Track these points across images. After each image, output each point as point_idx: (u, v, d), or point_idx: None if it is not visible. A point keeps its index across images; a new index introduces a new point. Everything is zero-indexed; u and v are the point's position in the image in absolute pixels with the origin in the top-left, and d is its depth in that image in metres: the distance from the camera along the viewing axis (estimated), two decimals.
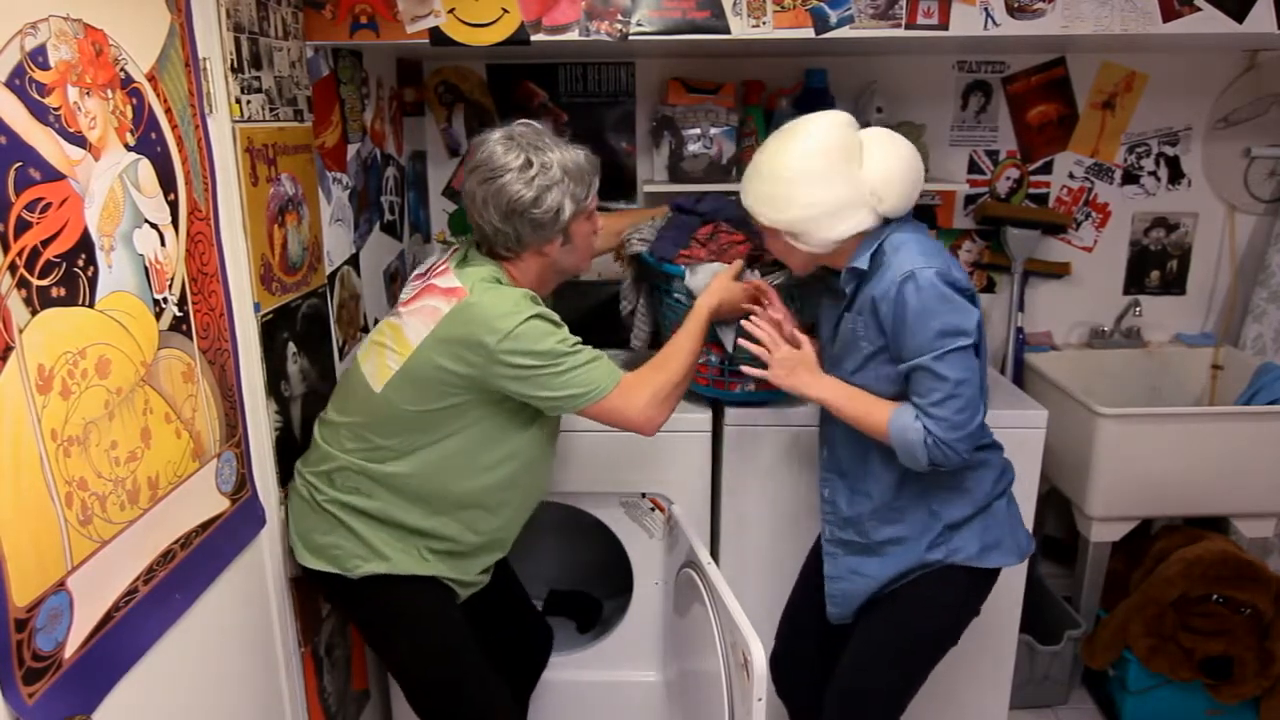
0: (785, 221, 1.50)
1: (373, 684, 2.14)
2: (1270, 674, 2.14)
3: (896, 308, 1.44)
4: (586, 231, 1.63)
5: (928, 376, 1.44)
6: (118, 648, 1.16)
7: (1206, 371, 2.57)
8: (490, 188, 1.51)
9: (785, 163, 1.49)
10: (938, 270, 1.43)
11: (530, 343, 1.48)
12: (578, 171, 1.55)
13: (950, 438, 1.44)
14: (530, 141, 1.54)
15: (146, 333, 1.21)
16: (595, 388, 1.52)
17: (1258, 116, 2.48)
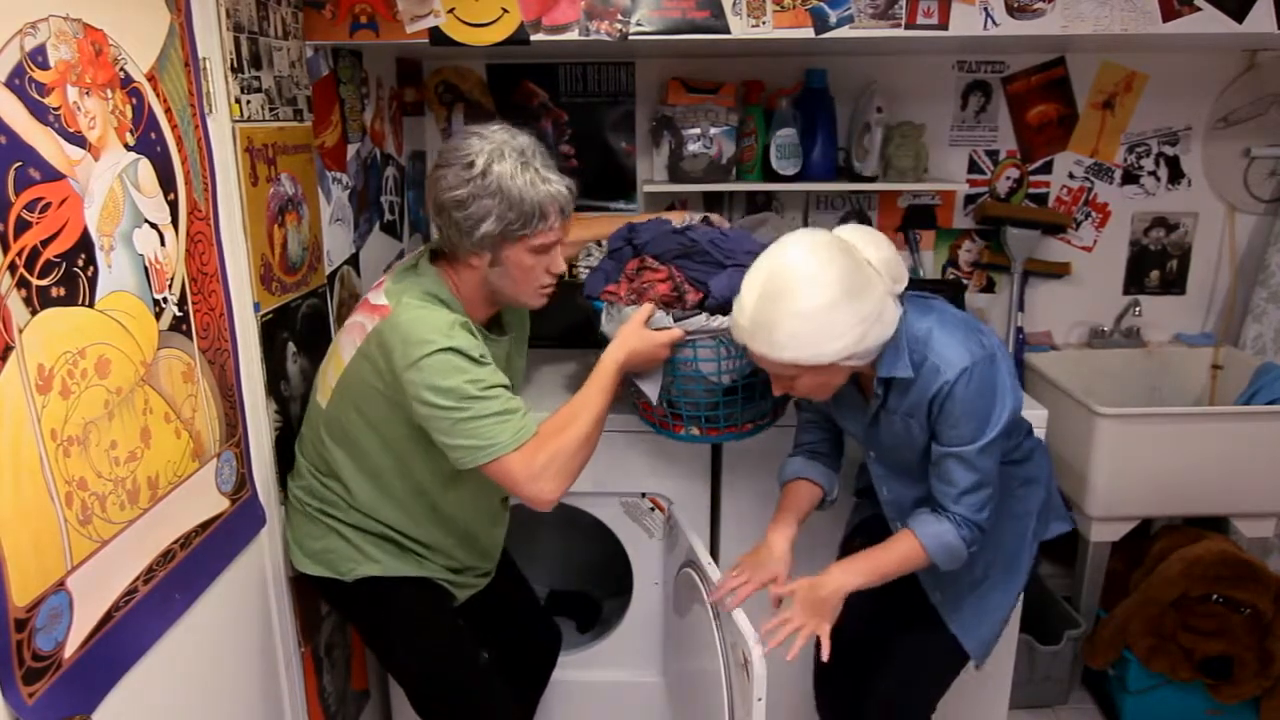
0: (837, 351, 1.36)
1: (373, 684, 2.14)
2: (1270, 674, 2.14)
3: (948, 403, 1.42)
4: (525, 264, 1.48)
5: (961, 465, 1.44)
6: (118, 647, 1.16)
7: (1206, 371, 2.57)
8: (435, 173, 1.47)
9: (810, 297, 1.35)
10: (985, 359, 1.41)
11: (434, 377, 1.38)
12: (520, 201, 1.42)
13: (978, 519, 1.47)
14: (501, 148, 1.44)
15: (146, 332, 1.21)
16: (493, 444, 1.38)
17: (1257, 116, 2.48)
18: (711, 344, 1.63)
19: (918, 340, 1.44)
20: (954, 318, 1.48)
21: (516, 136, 1.47)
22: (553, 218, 1.46)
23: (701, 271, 1.65)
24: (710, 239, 1.68)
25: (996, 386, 1.42)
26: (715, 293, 1.61)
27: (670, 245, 1.70)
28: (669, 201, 2.58)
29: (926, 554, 1.48)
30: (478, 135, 1.45)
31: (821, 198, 2.59)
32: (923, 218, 2.59)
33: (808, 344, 1.37)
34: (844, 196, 2.58)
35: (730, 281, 1.57)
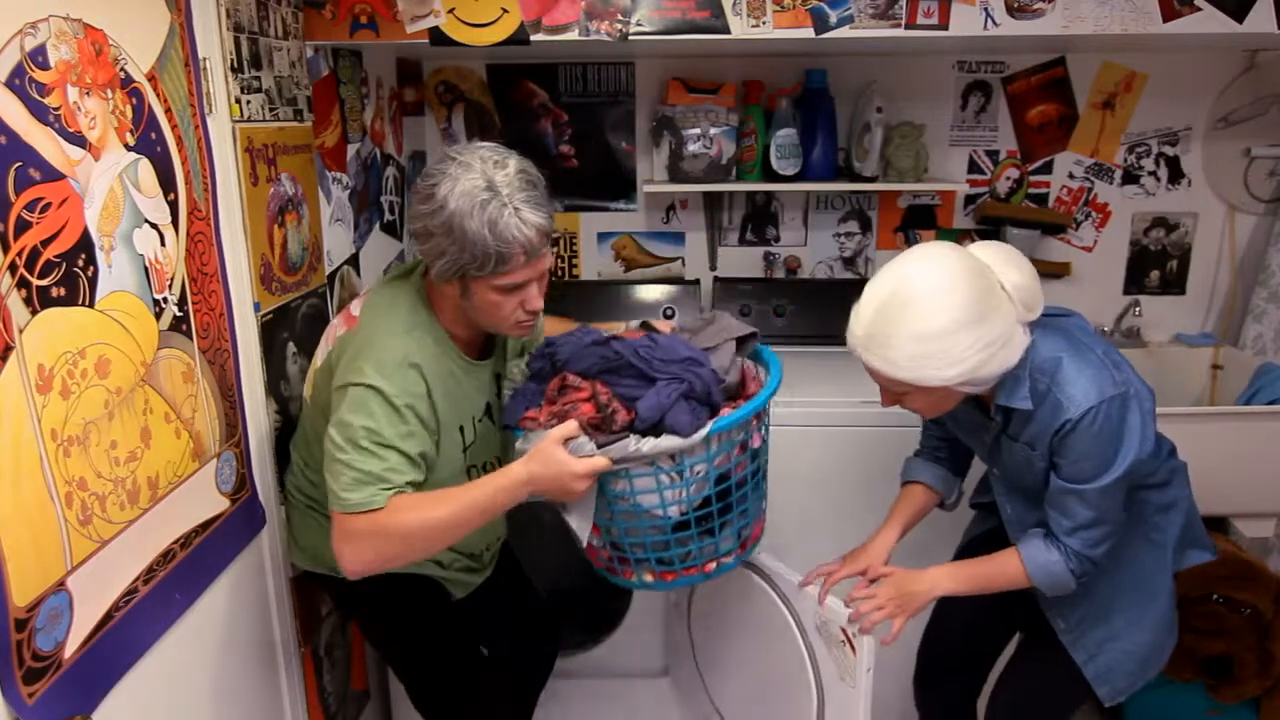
0: (952, 376, 1.32)
1: (372, 684, 2.14)
2: (1270, 674, 2.14)
3: (1070, 439, 1.35)
4: (491, 300, 1.37)
5: (1079, 502, 1.38)
6: (118, 647, 1.16)
7: (1206, 371, 2.57)
8: (411, 194, 1.39)
9: (936, 319, 1.30)
10: (1115, 398, 1.34)
11: (344, 408, 1.32)
12: (474, 244, 1.29)
13: (1091, 554, 1.41)
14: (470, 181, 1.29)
15: (146, 333, 1.21)
16: (337, 497, 1.30)
17: (1257, 116, 2.48)
18: (648, 472, 1.39)
19: (1043, 371, 1.37)
20: (1087, 347, 1.39)
21: (495, 164, 1.33)
22: (514, 260, 1.32)
23: (630, 387, 1.43)
24: (636, 349, 1.46)
25: (1125, 428, 1.34)
26: (642, 413, 1.37)
27: (592, 360, 1.47)
28: (669, 201, 2.58)
29: (1024, 573, 1.44)
30: (453, 160, 1.34)
31: (821, 198, 2.59)
32: (923, 218, 2.59)
33: (922, 366, 1.32)
34: (844, 196, 2.58)
35: (659, 399, 1.38)
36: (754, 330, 1.60)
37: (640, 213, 2.60)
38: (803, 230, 2.62)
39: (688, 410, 1.39)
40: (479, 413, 1.54)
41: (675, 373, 1.43)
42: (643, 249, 2.63)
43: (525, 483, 1.34)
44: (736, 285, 2.56)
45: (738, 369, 1.54)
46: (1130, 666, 1.54)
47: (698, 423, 1.37)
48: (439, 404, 1.41)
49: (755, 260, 2.64)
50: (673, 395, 1.39)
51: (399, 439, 1.32)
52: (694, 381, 1.42)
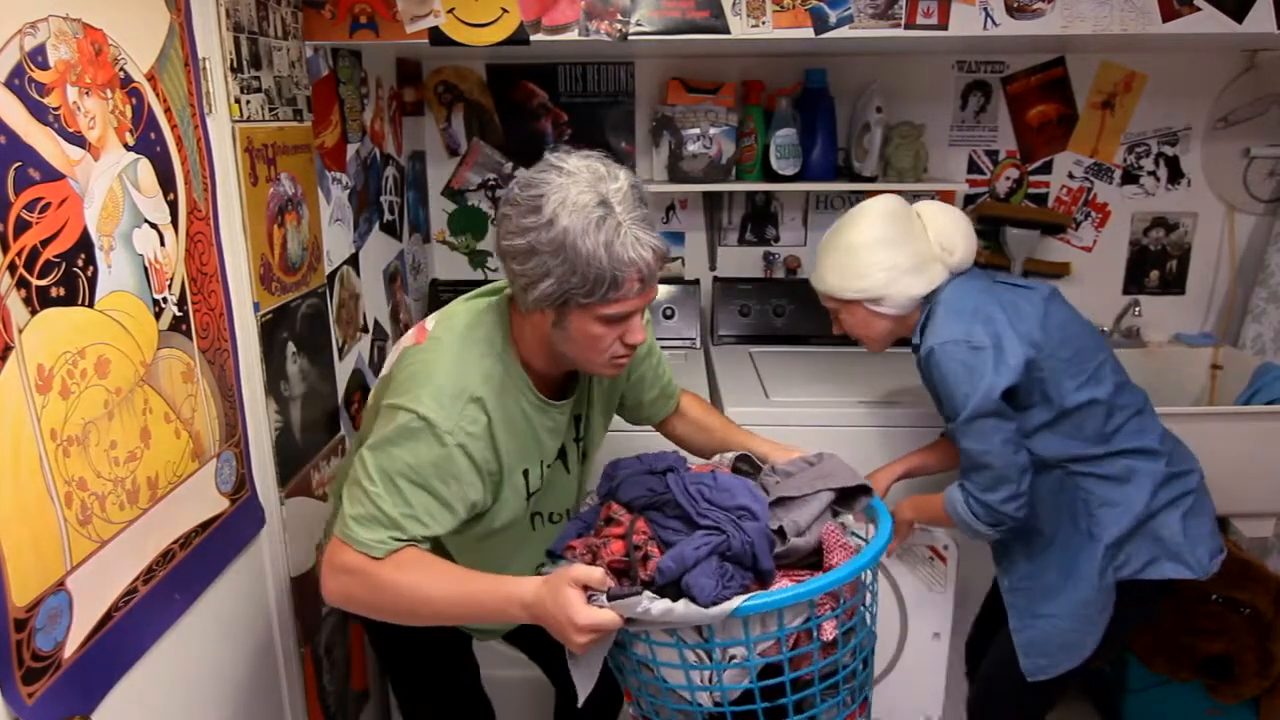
0: (867, 288, 1.57)
1: (372, 684, 2.14)
2: (1270, 674, 2.14)
3: (927, 378, 1.54)
4: (592, 333, 1.22)
5: (961, 438, 1.51)
6: (117, 648, 1.16)
7: (1206, 371, 2.57)
8: (501, 209, 1.23)
9: (855, 234, 1.59)
10: (959, 340, 1.49)
11: (391, 431, 1.20)
12: (589, 265, 1.14)
13: (988, 500, 1.50)
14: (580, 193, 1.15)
15: (146, 333, 1.21)
16: (348, 525, 1.20)
17: (1257, 116, 2.48)
18: (670, 643, 1.15)
19: (931, 314, 1.57)
20: (976, 300, 1.55)
21: (605, 178, 1.18)
22: (628, 286, 1.17)
23: (673, 531, 1.23)
24: (688, 485, 1.27)
25: (966, 371, 1.48)
26: (661, 564, 1.16)
27: (640, 490, 1.28)
28: (669, 201, 2.58)
29: (946, 513, 1.58)
30: (556, 169, 1.18)
31: (821, 198, 2.59)
32: None
33: (842, 275, 1.58)
34: (844, 196, 2.58)
35: (684, 550, 1.15)
36: (865, 484, 1.32)
37: None
38: (803, 230, 2.62)
39: (714, 573, 1.13)
40: (549, 458, 1.38)
41: (718, 521, 1.20)
42: None
43: (525, 606, 1.15)
44: (736, 285, 2.56)
45: (818, 531, 1.25)
46: (1050, 647, 1.61)
47: (722, 593, 1.11)
48: (501, 443, 1.27)
49: (755, 260, 2.64)
50: (703, 550, 1.15)
51: (439, 481, 1.20)
52: (733, 537, 1.17)
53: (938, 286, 1.58)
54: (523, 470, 1.34)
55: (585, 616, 1.10)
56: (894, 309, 1.58)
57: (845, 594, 1.18)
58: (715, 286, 2.57)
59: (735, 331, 2.53)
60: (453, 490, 1.22)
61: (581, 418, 1.45)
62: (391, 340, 2.28)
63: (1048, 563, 1.60)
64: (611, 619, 1.10)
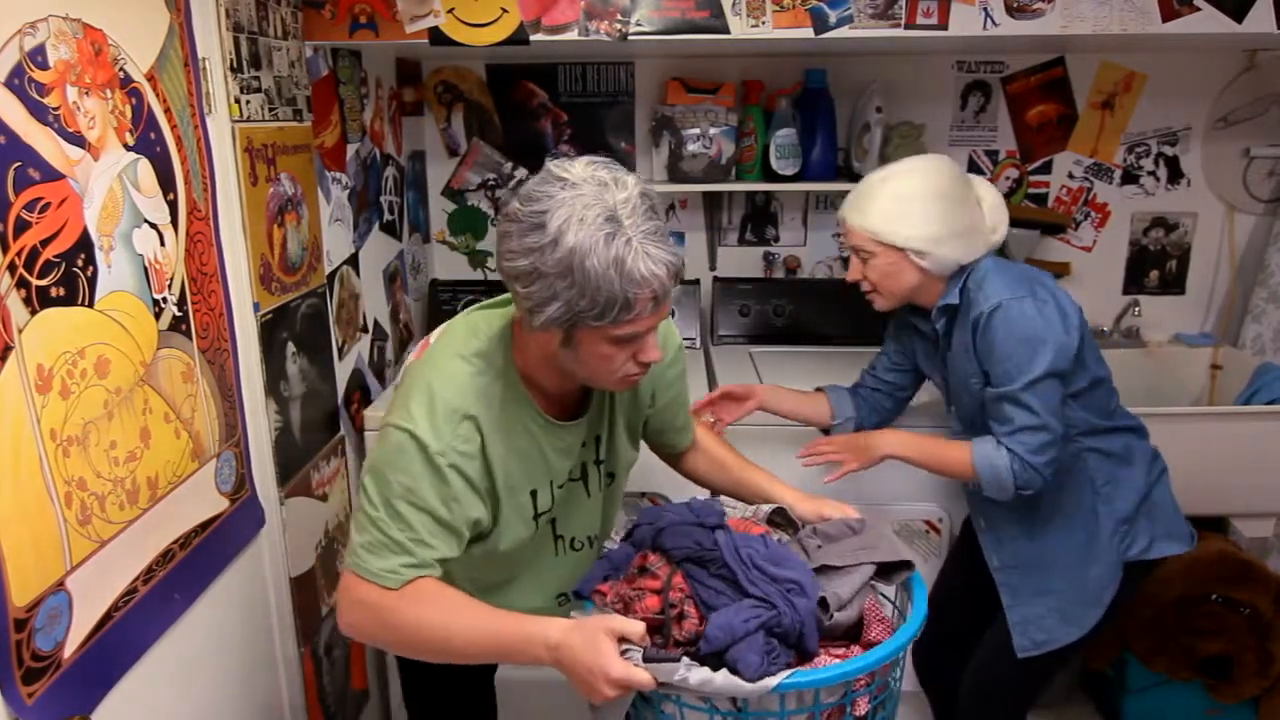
0: (918, 237, 1.52)
1: (372, 684, 2.14)
2: (1270, 674, 2.14)
3: (986, 336, 1.49)
4: (602, 353, 1.14)
5: (1009, 404, 1.49)
6: (117, 648, 1.16)
7: (1206, 371, 2.57)
8: (501, 226, 1.14)
9: (916, 182, 1.54)
10: (1023, 296, 1.48)
11: (383, 452, 1.16)
12: (597, 287, 1.05)
13: (1033, 461, 1.48)
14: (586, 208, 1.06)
15: (146, 332, 1.21)
16: (358, 555, 1.16)
17: (1257, 116, 2.48)
18: (703, 708, 1.10)
19: (975, 278, 1.55)
20: (1022, 268, 1.57)
21: (611, 187, 1.08)
22: (640, 306, 1.09)
23: (715, 592, 1.16)
24: (739, 548, 1.20)
25: (1035, 325, 1.46)
26: (708, 633, 1.10)
27: (686, 542, 1.21)
28: (669, 201, 2.58)
29: (973, 468, 1.52)
30: (559, 181, 1.09)
31: (821, 197, 2.59)
32: None
33: (893, 219, 1.52)
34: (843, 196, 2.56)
35: (733, 621, 1.11)
36: (908, 560, 1.27)
37: None
38: (802, 230, 2.62)
39: (760, 649, 1.09)
40: (560, 478, 1.31)
41: (768, 594, 1.15)
42: None
43: (551, 649, 1.08)
44: (736, 285, 2.56)
45: (860, 605, 1.22)
46: (1049, 622, 1.62)
47: (767, 669, 1.08)
48: (498, 463, 1.21)
49: (755, 260, 2.64)
50: (751, 624, 1.11)
51: (438, 503, 1.16)
52: (784, 615, 1.13)
53: (977, 259, 1.56)
54: (530, 490, 1.27)
55: (620, 670, 1.04)
56: (933, 266, 1.54)
57: (880, 672, 1.15)
58: (715, 286, 2.57)
59: (735, 331, 2.53)
60: (453, 512, 1.17)
61: (601, 438, 1.36)
62: (391, 340, 2.28)
63: (1050, 539, 1.61)
64: (645, 679, 1.04)
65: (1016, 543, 1.64)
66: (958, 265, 1.55)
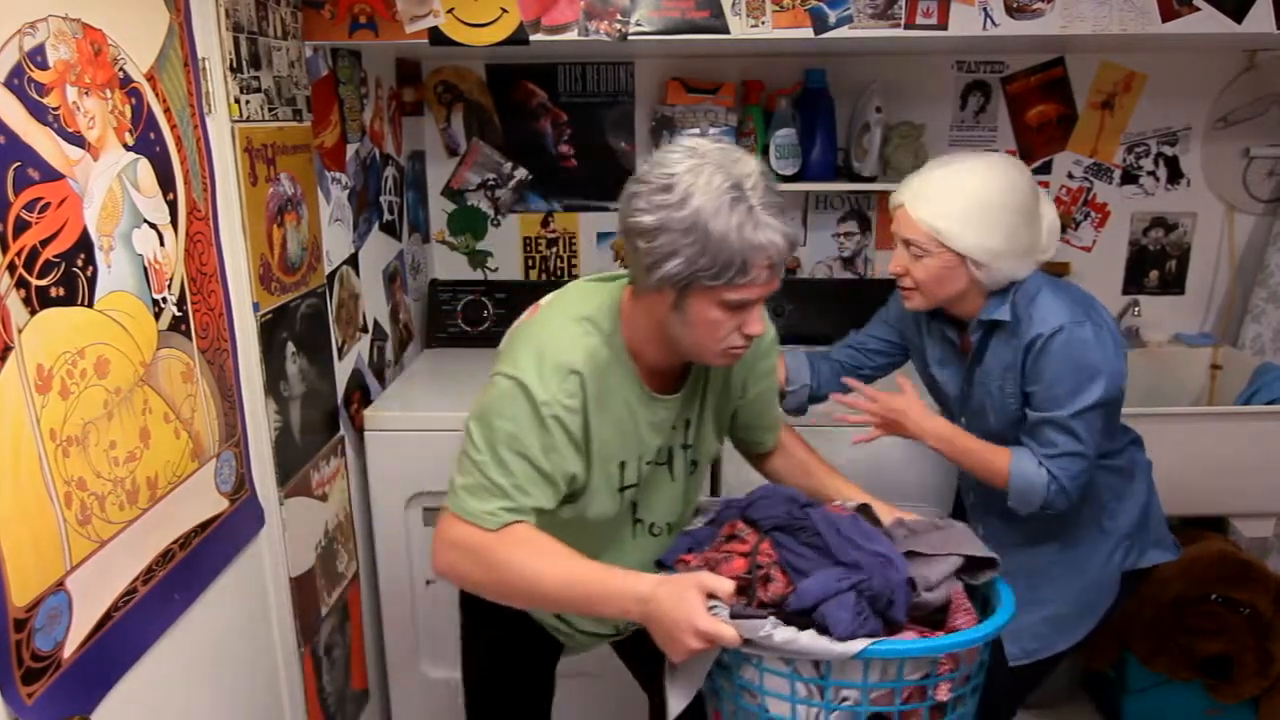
0: (984, 248, 1.42)
1: (372, 684, 2.14)
2: (1269, 674, 2.14)
3: (1042, 359, 1.44)
4: (711, 318, 1.18)
5: (1056, 430, 1.45)
6: (117, 648, 1.16)
7: (1205, 371, 2.57)
8: (628, 188, 1.20)
9: (997, 191, 1.43)
10: (1082, 321, 1.43)
11: (491, 399, 1.21)
12: (720, 246, 1.12)
13: (1068, 486, 1.46)
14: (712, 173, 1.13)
15: (145, 333, 1.21)
16: (459, 496, 1.20)
17: (1257, 116, 2.48)
18: (783, 671, 1.12)
19: (1026, 294, 1.47)
20: (1072, 289, 1.51)
21: (738, 160, 1.16)
22: (756, 271, 1.15)
23: (802, 558, 1.20)
24: (830, 519, 1.25)
25: (1094, 353, 1.42)
26: (800, 589, 1.14)
27: (777, 511, 1.26)
28: None
29: (1007, 475, 1.47)
30: (688, 151, 1.17)
31: (821, 198, 2.59)
32: None
33: (963, 222, 1.41)
34: (843, 196, 2.58)
35: (823, 581, 1.14)
36: (993, 557, 1.28)
37: None
38: (802, 230, 2.62)
39: (851, 608, 1.11)
40: (650, 454, 1.33)
41: (859, 560, 1.17)
42: None
43: (641, 601, 1.12)
44: None
45: (947, 591, 1.24)
46: (1043, 629, 1.60)
47: (856, 629, 1.09)
48: (596, 426, 1.24)
49: None
50: (844, 584, 1.13)
51: (539, 452, 1.19)
52: (874, 580, 1.14)
53: (1026, 278, 1.49)
54: (619, 461, 1.30)
55: (706, 623, 1.07)
56: (986, 279, 1.46)
57: (965, 660, 1.16)
58: None
59: None
60: (552, 463, 1.21)
61: (691, 422, 1.39)
62: (391, 340, 2.28)
63: (1048, 551, 1.60)
64: (730, 634, 1.07)
65: (1013, 551, 1.61)
66: (1009, 281, 1.47)
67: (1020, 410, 1.50)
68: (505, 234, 2.62)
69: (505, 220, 2.61)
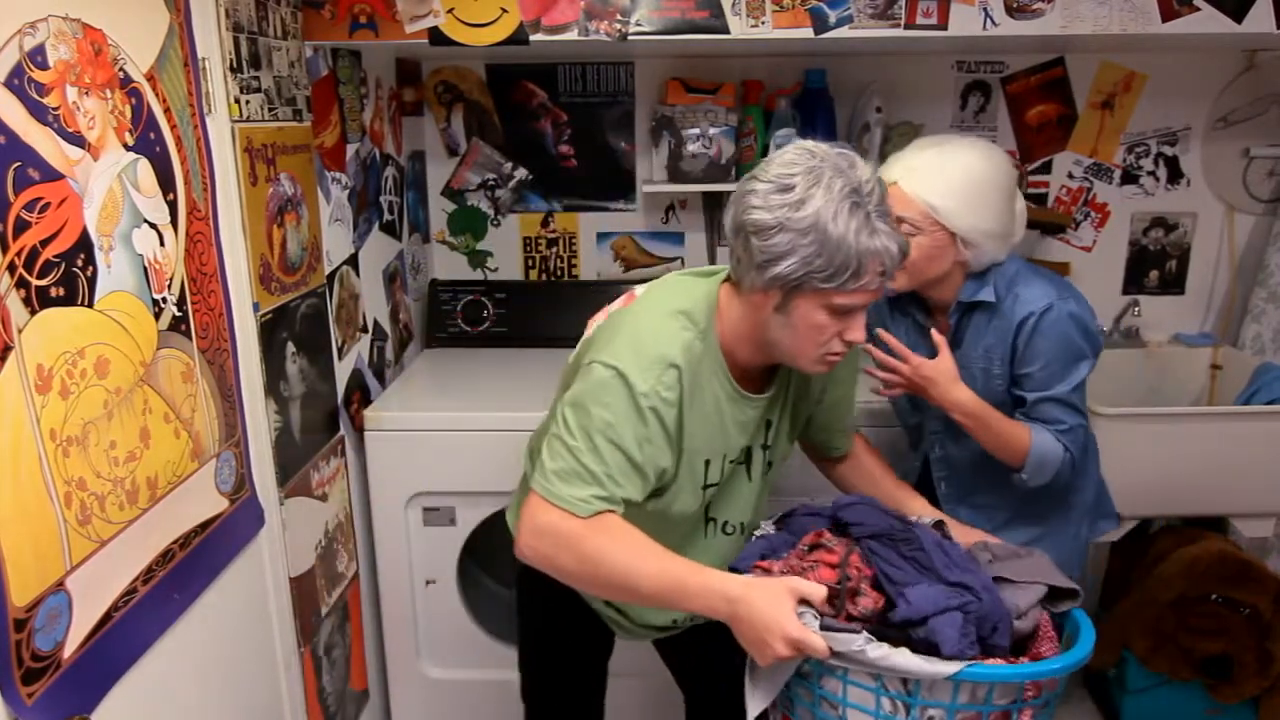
0: (977, 228, 1.45)
1: (372, 684, 2.14)
2: (1269, 674, 2.14)
3: (1035, 339, 1.46)
4: (815, 321, 1.19)
5: (1058, 407, 1.48)
6: (117, 648, 1.16)
7: (1205, 371, 2.57)
8: (743, 185, 1.22)
9: (991, 170, 1.46)
10: (1067, 298, 1.48)
11: (584, 387, 1.20)
12: (837, 247, 1.13)
13: (1078, 457, 1.51)
14: (832, 177, 1.16)
15: (145, 333, 1.21)
16: (549, 480, 1.19)
17: (1256, 116, 2.48)
18: (870, 687, 1.10)
19: (1004, 276, 1.51)
20: (1043, 269, 1.57)
21: (855, 165, 1.19)
22: (869, 277, 1.16)
23: (897, 570, 1.18)
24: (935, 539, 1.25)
25: (1083, 328, 1.47)
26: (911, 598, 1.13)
27: (874, 522, 1.25)
28: (668, 201, 2.58)
29: (1029, 448, 1.48)
30: (808, 153, 1.20)
31: None
32: None
33: (960, 199, 1.43)
34: None
35: (934, 595, 1.13)
36: (1075, 588, 1.29)
37: (640, 213, 2.60)
38: None
39: (959, 628, 1.10)
40: (734, 454, 1.34)
41: (967, 582, 1.16)
42: (642, 249, 2.63)
43: (731, 601, 1.11)
44: None
45: (1035, 618, 1.24)
46: None
47: (963, 650, 1.08)
48: (688, 421, 1.24)
49: None
50: (953, 601, 1.12)
51: (633, 442, 1.19)
52: (983, 602, 1.13)
53: (1004, 260, 1.53)
54: (705, 459, 1.30)
55: (797, 631, 1.07)
56: (972, 260, 1.48)
57: (1048, 686, 1.16)
58: None
59: None
60: (645, 454, 1.20)
61: (772, 424, 1.38)
62: (391, 340, 2.28)
63: (1019, 532, 1.62)
64: (821, 645, 1.07)
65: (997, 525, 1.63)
66: (990, 263, 1.51)
67: (1007, 391, 1.53)
68: (505, 234, 2.62)
69: (505, 220, 2.62)
